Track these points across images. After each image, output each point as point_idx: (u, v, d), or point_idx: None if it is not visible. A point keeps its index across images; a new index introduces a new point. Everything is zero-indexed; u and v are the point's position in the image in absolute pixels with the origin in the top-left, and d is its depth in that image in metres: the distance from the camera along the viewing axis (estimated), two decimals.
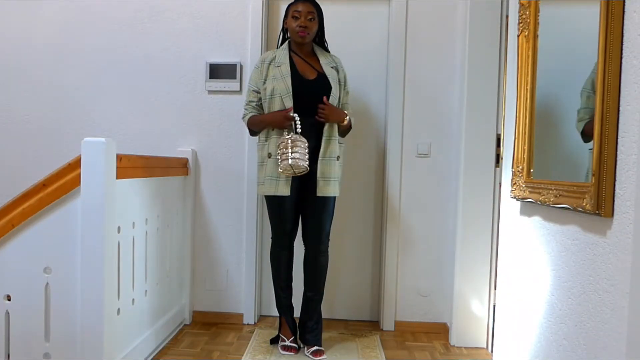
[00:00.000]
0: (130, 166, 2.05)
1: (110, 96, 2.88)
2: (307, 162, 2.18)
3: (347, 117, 2.33)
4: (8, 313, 1.89)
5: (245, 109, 2.44)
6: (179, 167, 2.70)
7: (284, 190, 2.27)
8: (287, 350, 2.38)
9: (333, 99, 2.31)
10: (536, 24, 1.58)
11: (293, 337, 2.43)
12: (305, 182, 2.31)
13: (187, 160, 2.78)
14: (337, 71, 2.39)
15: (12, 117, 2.94)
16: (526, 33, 1.62)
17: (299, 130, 2.21)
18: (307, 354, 2.35)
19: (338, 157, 2.33)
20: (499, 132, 2.46)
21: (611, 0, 1.11)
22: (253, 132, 2.45)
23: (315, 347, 2.36)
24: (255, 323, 2.84)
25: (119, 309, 1.98)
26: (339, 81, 2.38)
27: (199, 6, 2.81)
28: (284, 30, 2.44)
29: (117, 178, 1.88)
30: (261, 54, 2.77)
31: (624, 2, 1.10)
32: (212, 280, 2.86)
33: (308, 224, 2.40)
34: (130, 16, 2.85)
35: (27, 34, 2.91)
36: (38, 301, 1.86)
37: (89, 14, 2.87)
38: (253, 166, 2.80)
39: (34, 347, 1.88)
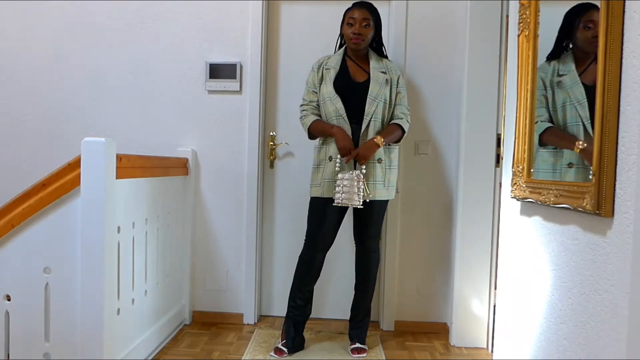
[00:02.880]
0: (130, 166, 2.05)
1: (110, 96, 2.88)
2: (355, 198, 2.19)
3: (382, 140, 2.26)
4: (8, 313, 1.89)
5: (305, 108, 2.42)
6: (179, 167, 2.70)
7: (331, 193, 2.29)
8: (275, 353, 2.36)
9: (372, 101, 2.28)
10: (536, 23, 1.58)
11: (285, 342, 2.39)
12: None
13: (187, 160, 2.78)
14: (387, 74, 2.34)
15: (12, 117, 2.93)
16: (526, 33, 1.62)
17: (337, 168, 2.26)
18: (348, 350, 2.40)
19: (380, 160, 2.30)
20: (499, 132, 2.46)
21: (611, 0, 1.11)
22: (311, 136, 2.43)
23: (357, 345, 2.40)
24: (255, 323, 2.84)
25: (119, 309, 1.98)
26: (387, 82, 2.33)
27: (199, 6, 2.81)
28: (341, 35, 2.43)
29: (117, 178, 1.88)
30: (261, 53, 2.78)
31: (624, 2, 1.10)
32: (212, 280, 2.86)
33: (355, 225, 2.44)
34: (130, 16, 2.85)
35: (27, 34, 2.91)
36: (38, 301, 1.86)
37: (88, 13, 2.87)
38: (253, 166, 2.81)
39: (33, 347, 1.87)
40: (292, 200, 2.88)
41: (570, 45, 1.41)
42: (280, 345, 2.38)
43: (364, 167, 2.26)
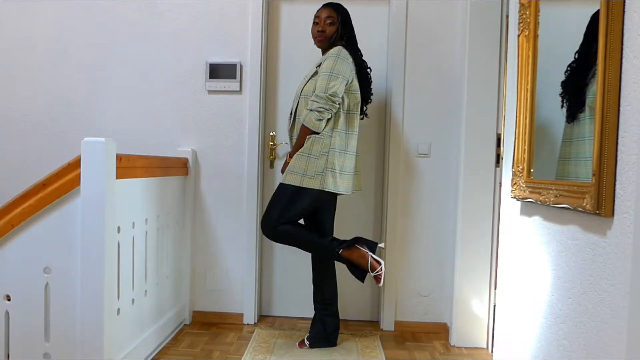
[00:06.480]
0: (130, 166, 2.05)
1: (110, 96, 2.88)
2: None
3: (288, 155, 2.34)
4: (8, 313, 1.89)
5: None
6: (179, 167, 2.70)
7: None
8: (299, 344, 2.46)
9: (295, 98, 2.38)
10: (536, 23, 1.58)
11: (307, 335, 2.47)
12: None
13: (187, 160, 2.78)
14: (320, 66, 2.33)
15: (12, 117, 2.93)
16: (526, 33, 1.62)
17: None
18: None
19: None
20: (499, 132, 2.46)
21: (611, 0, 1.11)
22: None
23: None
24: (255, 323, 2.84)
25: (118, 309, 1.98)
26: (313, 74, 2.32)
27: (199, 6, 2.81)
28: None
29: (117, 178, 1.88)
30: (261, 53, 2.78)
31: (624, 2, 1.10)
32: (212, 280, 2.86)
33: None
34: (130, 16, 2.85)
35: (27, 33, 2.91)
36: (38, 301, 1.86)
37: (89, 13, 2.87)
38: (253, 166, 2.81)
39: (34, 347, 1.87)
40: None
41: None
42: (305, 338, 2.47)
43: None
